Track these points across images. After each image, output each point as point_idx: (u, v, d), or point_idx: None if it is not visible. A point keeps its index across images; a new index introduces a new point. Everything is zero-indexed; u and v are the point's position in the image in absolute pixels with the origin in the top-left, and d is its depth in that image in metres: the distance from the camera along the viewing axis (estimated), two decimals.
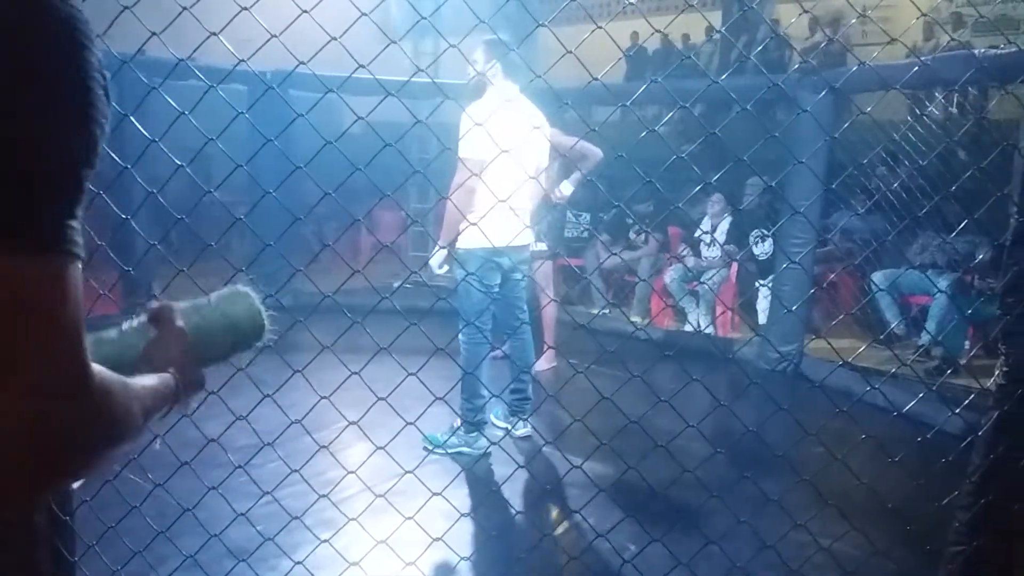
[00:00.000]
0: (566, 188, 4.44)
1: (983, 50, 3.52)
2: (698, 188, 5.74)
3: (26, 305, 0.59)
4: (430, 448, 3.49)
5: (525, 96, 3.63)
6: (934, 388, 2.08)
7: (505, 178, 2.99)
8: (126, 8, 1.63)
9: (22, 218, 0.58)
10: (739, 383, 4.13)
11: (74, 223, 0.62)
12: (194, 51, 1.80)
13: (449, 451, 3.57)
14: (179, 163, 1.75)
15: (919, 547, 2.02)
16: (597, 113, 10.46)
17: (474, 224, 3.16)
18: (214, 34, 1.72)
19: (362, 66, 1.64)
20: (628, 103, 2.42)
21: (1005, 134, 1.77)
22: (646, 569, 2.00)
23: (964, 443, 1.89)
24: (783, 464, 2.08)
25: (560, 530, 2.36)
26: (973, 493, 1.90)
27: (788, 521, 1.93)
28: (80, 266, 0.62)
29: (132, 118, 1.75)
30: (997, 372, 1.87)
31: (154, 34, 1.68)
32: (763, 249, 6.14)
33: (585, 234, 6.95)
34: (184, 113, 1.68)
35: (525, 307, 3.89)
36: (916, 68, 3.31)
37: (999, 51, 3.41)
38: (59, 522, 1.62)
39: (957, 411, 1.96)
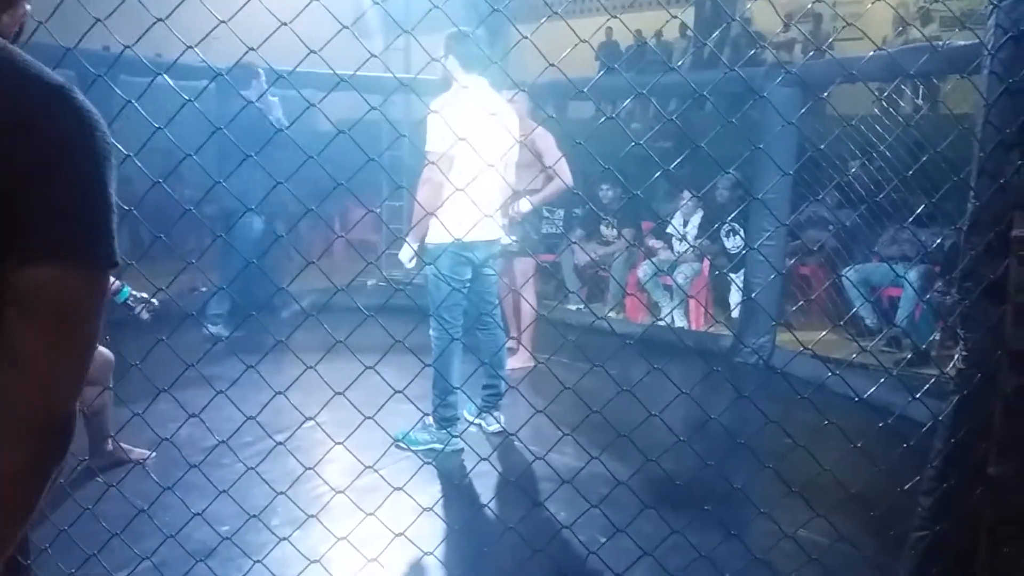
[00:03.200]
0: (524, 206, 4.36)
1: (946, 42, 3.54)
2: (657, 176, 5.74)
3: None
4: (402, 445, 3.47)
5: (494, 90, 3.61)
6: (894, 374, 2.09)
7: (472, 170, 2.97)
8: (99, 20, 1.60)
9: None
10: (711, 375, 4.14)
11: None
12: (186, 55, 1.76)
13: (420, 447, 3.55)
14: (125, 155, 1.71)
15: (883, 533, 2.03)
16: (572, 108, 10.50)
17: (435, 217, 3.15)
18: (191, 46, 1.68)
19: (313, 51, 1.61)
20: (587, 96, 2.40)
21: (969, 126, 1.79)
22: (612, 560, 1.99)
23: (925, 428, 1.90)
24: (750, 453, 2.08)
25: (525, 523, 2.34)
26: (935, 478, 1.91)
27: (755, 509, 1.93)
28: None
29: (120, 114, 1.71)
30: (956, 357, 1.88)
31: (127, 47, 1.65)
32: (735, 243, 6.17)
33: (559, 230, 6.95)
34: (131, 101, 1.64)
35: (497, 301, 3.88)
36: (879, 59, 3.33)
37: (960, 43, 3.44)
38: None
39: (917, 396, 1.97)
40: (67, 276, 0.80)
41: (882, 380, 2.13)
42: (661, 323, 5.30)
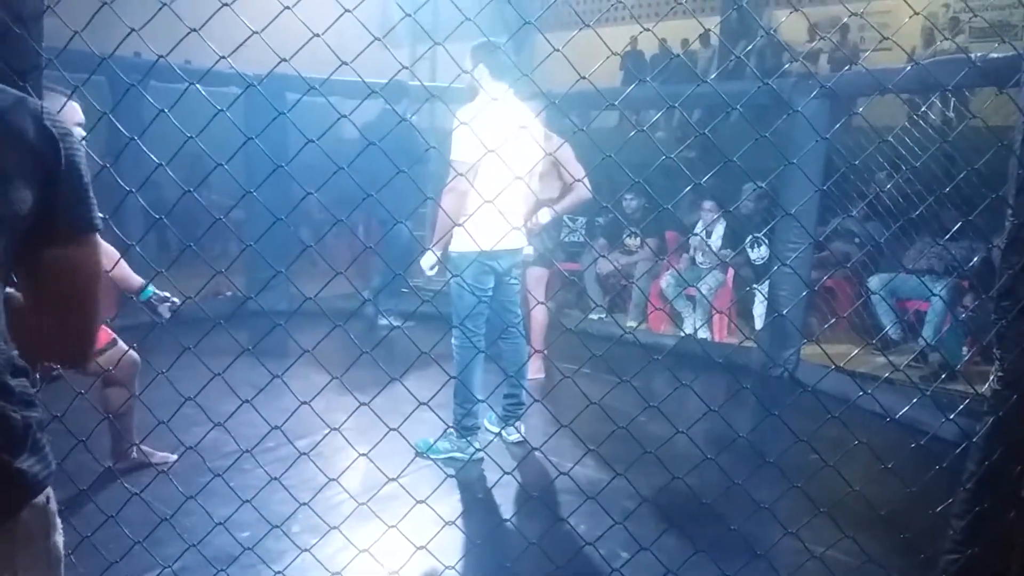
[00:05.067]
0: (544, 216, 4.28)
1: (979, 54, 3.49)
2: (688, 189, 5.69)
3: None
4: (422, 454, 3.46)
5: (520, 100, 3.61)
6: (927, 393, 2.05)
7: (497, 180, 2.96)
8: (133, 30, 1.61)
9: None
10: (735, 389, 4.09)
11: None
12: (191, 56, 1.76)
13: (440, 457, 3.54)
14: (158, 162, 1.72)
15: (913, 555, 1.99)
16: (596, 118, 10.48)
17: (461, 226, 3.14)
18: (223, 56, 1.69)
19: (345, 63, 1.61)
20: (612, 103, 2.38)
21: (1003, 139, 1.75)
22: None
23: (959, 449, 1.86)
24: (776, 471, 2.05)
25: (547, 538, 2.32)
26: (968, 500, 1.87)
27: (781, 529, 1.90)
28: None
29: (127, 120, 1.71)
30: (992, 377, 1.84)
31: (161, 56, 1.65)
32: (759, 254, 6.11)
33: (581, 238, 6.93)
34: (164, 111, 1.65)
35: (519, 311, 3.86)
36: (911, 71, 3.28)
37: (994, 55, 3.38)
38: None
39: (951, 417, 1.93)
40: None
41: (915, 400, 2.08)
42: (683, 334, 5.26)
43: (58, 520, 1.13)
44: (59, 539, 1.14)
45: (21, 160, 1.02)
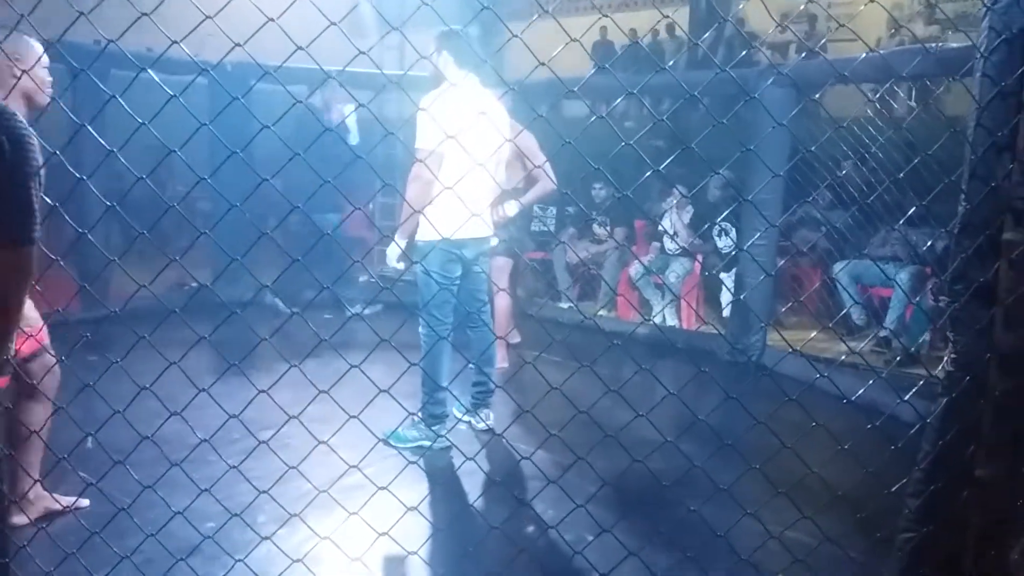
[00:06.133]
0: (511, 209, 4.26)
1: (939, 44, 3.54)
2: (649, 175, 5.73)
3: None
4: (390, 443, 3.45)
5: (487, 88, 3.59)
6: (883, 375, 2.08)
7: (462, 168, 2.95)
8: (82, 14, 1.57)
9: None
10: (701, 375, 4.11)
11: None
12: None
13: (409, 445, 3.54)
14: (110, 150, 1.69)
15: (871, 534, 2.02)
16: (567, 108, 10.49)
17: (422, 214, 3.13)
18: (176, 41, 1.66)
19: (300, 47, 1.59)
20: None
21: (962, 129, 1.78)
22: (598, 560, 1.98)
23: (913, 430, 1.89)
24: (738, 454, 2.07)
25: (511, 522, 2.33)
26: (922, 480, 1.91)
27: (741, 510, 1.92)
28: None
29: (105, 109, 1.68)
30: (945, 359, 1.87)
31: (111, 41, 1.63)
32: (726, 242, 6.17)
33: (551, 228, 6.94)
34: (114, 96, 1.62)
35: (487, 299, 3.86)
36: (872, 60, 3.32)
37: (953, 45, 3.43)
38: None
39: (906, 399, 1.96)
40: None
41: (871, 382, 2.12)
42: (651, 322, 5.29)
43: None
44: None
45: None
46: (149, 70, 1.60)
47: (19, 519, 2.32)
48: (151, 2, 1.60)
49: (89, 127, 1.64)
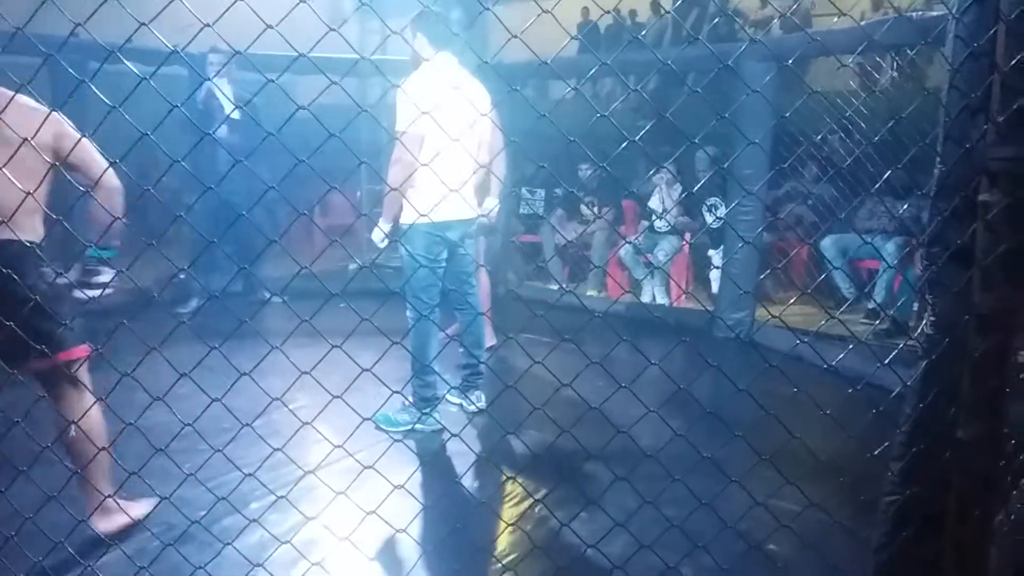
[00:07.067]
0: (491, 204, 4.13)
1: (917, 13, 3.54)
2: (628, 151, 5.73)
3: None
4: (381, 427, 3.47)
5: (467, 69, 3.58)
6: (863, 341, 2.09)
7: (445, 149, 2.94)
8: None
9: None
10: (692, 350, 4.14)
11: None
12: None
13: (401, 429, 3.55)
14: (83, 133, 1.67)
15: (855, 499, 2.04)
16: (554, 89, 10.46)
17: (404, 197, 3.11)
18: (144, 23, 1.64)
19: (270, 26, 1.58)
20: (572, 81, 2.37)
21: (935, 92, 1.78)
22: (586, 533, 1.99)
23: (893, 394, 1.91)
24: (725, 425, 2.09)
25: (499, 499, 2.35)
26: (904, 443, 1.92)
27: (728, 479, 1.94)
28: None
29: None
30: (924, 322, 1.88)
31: (79, 24, 1.61)
32: (716, 217, 6.18)
33: (540, 210, 6.94)
34: (81, 80, 1.61)
35: (474, 281, 3.87)
36: (851, 32, 3.32)
37: (933, 14, 3.43)
38: None
39: (885, 363, 1.97)
40: None
41: (850, 346, 2.13)
42: (635, 299, 5.30)
43: None
44: None
45: None
46: (118, 53, 1.59)
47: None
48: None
49: (61, 114, 1.62)
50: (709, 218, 6.18)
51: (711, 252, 6.13)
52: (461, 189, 3.18)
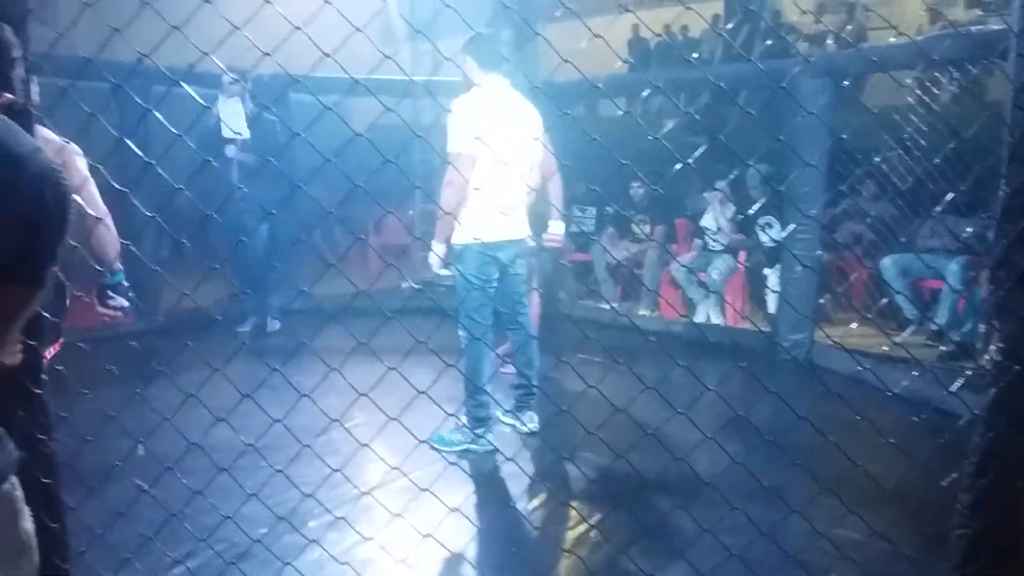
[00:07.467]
0: (558, 228, 4.06)
1: (976, 27, 3.45)
2: (683, 170, 5.69)
3: None
4: (435, 446, 3.48)
5: (518, 90, 3.61)
6: (926, 367, 2.04)
7: (496, 171, 2.97)
8: (116, 30, 1.63)
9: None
10: (749, 373, 4.07)
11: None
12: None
13: (455, 449, 3.56)
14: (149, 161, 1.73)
15: (922, 530, 1.98)
16: (603, 107, 10.46)
17: (455, 218, 3.14)
18: (206, 53, 1.70)
19: (327, 54, 1.62)
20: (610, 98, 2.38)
21: (998, 112, 1.74)
22: (643, 561, 1.97)
23: (961, 422, 1.85)
24: (784, 451, 2.05)
25: (555, 524, 2.33)
26: (973, 474, 1.86)
27: (787, 508, 1.90)
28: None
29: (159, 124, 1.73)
30: (992, 349, 1.83)
31: (144, 55, 1.68)
32: (770, 236, 6.08)
33: (591, 228, 6.93)
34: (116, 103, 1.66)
35: (526, 301, 3.87)
36: (908, 47, 3.26)
37: (993, 27, 3.35)
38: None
39: (953, 390, 1.92)
40: None
41: (915, 374, 2.08)
42: (689, 319, 5.24)
43: (25, 507, 1.15)
44: (28, 525, 1.16)
45: None
46: (183, 83, 1.65)
47: None
48: (187, 17, 1.64)
49: (130, 143, 1.68)
50: (764, 237, 6.09)
51: (767, 271, 6.04)
52: (511, 209, 3.21)
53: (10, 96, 1.28)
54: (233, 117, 5.30)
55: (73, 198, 1.10)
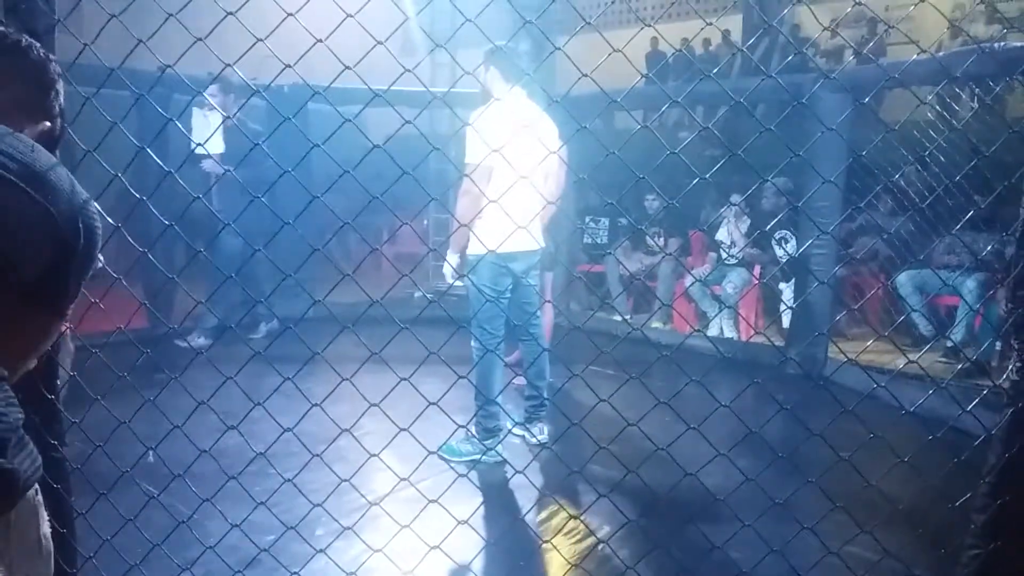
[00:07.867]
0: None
1: (999, 44, 3.42)
2: (698, 184, 5.67)
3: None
4: (444, 456, 3.48)
5: (534, 101, 3.62)
6: (943, 385, 2.01)
7: (511, 182, 2.97)
8: (141, 41, 1.65)
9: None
10: (761, 388, 4.04)
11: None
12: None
13: (464, 459, 3.56)
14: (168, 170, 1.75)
15: (934, 550, 1.96)
16: (620, 119, 10.48)
17: (469, 229, 3.14)
18: (229, 64, 1.72)
19: (348, 67, 1.63)
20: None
21: (1021, 129, 1.72)
22: (650, 575, 1.95)
23: (978, 442, 1.83)
24: (796, 467, 2.03)
25: (563, 537, 2.32)
26: (988, 494, 1.84)
27: (800, 524, 1.88)
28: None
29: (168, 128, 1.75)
30: (1010, 368, 1.80)
31: (168, 66, 1.69)
32: (785, 251, 6.05)
33: (604, 239, 6.92)
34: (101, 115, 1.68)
35: (539, 312, 3.87)
36: (929, 63, 3.24)
37: (1016, 44, 3.32)
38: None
39: (968, 409, 1.89)
40: None
41: (931, 392, 2.05)
42: (702, 333, 5.21)
43: (44, 511, 1.16)
44: (47, 530, 1.18)
45: None
46: (204, 93, 1.66)
47: None
48: (210, 28, 1.66)
49: (149, 150, 1.70)
50: (779, 251, 6.06)
51: (782, 285, 6.00)
52: (526, 221, 3.20)
53: (48, 124, 1.32)
54: (206, 131, 5.16)
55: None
